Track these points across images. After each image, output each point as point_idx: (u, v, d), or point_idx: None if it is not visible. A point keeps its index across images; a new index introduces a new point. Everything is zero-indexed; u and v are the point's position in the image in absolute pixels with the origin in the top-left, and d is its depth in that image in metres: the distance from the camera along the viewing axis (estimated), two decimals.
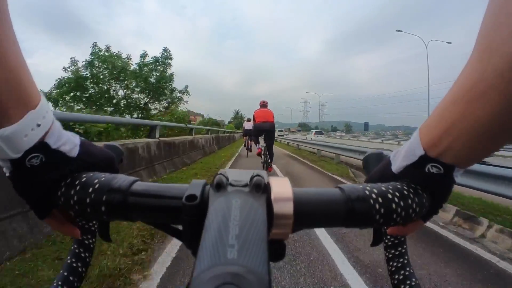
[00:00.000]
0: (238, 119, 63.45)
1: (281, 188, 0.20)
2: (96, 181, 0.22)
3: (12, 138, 0.18)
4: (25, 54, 0.19)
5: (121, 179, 0.22)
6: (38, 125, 0.19)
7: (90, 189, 0.21)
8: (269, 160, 5.08)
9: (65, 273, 0.22)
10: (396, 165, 0.23)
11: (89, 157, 0.23)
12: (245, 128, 9.39)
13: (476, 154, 0.19)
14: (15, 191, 0.21)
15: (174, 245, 2.04)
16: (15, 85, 0.18)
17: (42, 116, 0.19)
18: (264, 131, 5.06)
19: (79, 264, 0.23)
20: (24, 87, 0.18)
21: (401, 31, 29.03)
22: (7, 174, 0.20)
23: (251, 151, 8.64)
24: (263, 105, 5.24)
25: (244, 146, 9.96)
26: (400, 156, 0.22)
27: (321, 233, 2.31)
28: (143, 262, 1.75)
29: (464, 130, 0.17)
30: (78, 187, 0.21)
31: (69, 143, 0.22)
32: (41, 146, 0.20)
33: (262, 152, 5.30)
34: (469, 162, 0.20)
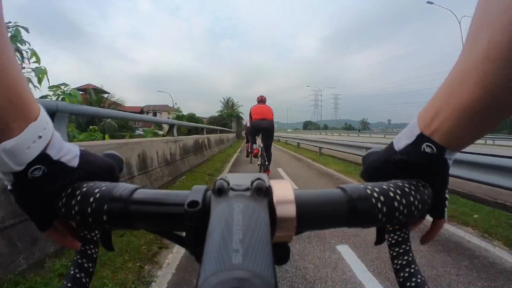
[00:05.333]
0: (229, 109, 40.75)
1: (283, 191, 0.20)
2: (97, 190, 0.22)
3: (15, 151, 0.19)
4: (19, 59, 0.19)
5: (122, 187, 0.23)
6: (40, 137, 0.20)
7: (91, 199, 0.22)
8: (266, 163, 4.66)
9: (69, 284, 0.23)
10: (399, 144, 0.26)
11: (89, 167, 0.24)
12: (249, 126, 6.11)
13: (463, 136, 0.22)
14: (17, 204, 0.22)
15: None
16: (14, 99, 0.18)
17: (43, 128, 0.20)
18: (261, 129, 4.65)
19: (83, 275, 0.24)
20: (24, 100, 0.19)
21: (432, 3, 24.64)
22: (9, 188, 0.21)
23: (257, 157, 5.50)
24: (261, 100, 4.84)
25: (248, 155, 7.15)
26: (403, 136, 0.26)
27: None
28: None
29: (450, 112, 0.21)
30: (79, 197, 0.22)
31: (69, 153, 0.23)
32: (43, 157, 0.20)
33: (259, 154, 4.83)
34: (457, 144, 0.23)
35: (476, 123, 0.20)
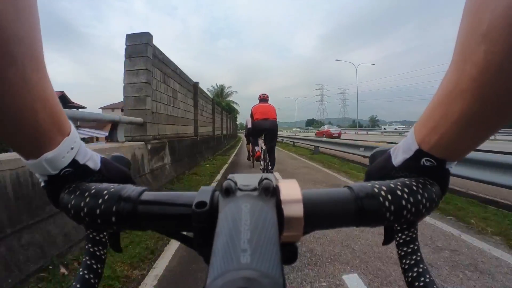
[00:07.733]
0: (218, 98, 29.60)
1: (290, 190, 0.21)
2: (105, 192, 0.23)
3: (53, 160, 0.23)
4: None
5: (130, 189, 0.23)
6: (72, 148, 0.24)
7: (100, 200, 0.22)
8: (269, 167, 4.37)
9: (78, 285, 0.23)
10: (397, 159, 0.26)
11: (108, 172, 0.28)
12: (249, 127, 5.57)
13: (461, 147, 0.22)
14: (49, 199, 0.26)
15: None
16: (55, 118, 0.22)
17: (74, 141, 0.25)
18: (264, 130, 4.37)
19: (91, 276, 0.24)
20: (60, 118, 0.23)
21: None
22: (42, 184, 0.25)
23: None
24: (263, 99, 4.56)
25: (249, 158, 6.85)
26: (400, 151, 0.26)
27: None
28: None
29: (449, 126, 0.21)
30: (88, 199, 0.23)
31: (92, 159, 0.27)
32: (73, 162, 0.25)
33: (262, 157, 4.54)
34: (457, 155, 0.23)
35: (475, 134, 0.21)
